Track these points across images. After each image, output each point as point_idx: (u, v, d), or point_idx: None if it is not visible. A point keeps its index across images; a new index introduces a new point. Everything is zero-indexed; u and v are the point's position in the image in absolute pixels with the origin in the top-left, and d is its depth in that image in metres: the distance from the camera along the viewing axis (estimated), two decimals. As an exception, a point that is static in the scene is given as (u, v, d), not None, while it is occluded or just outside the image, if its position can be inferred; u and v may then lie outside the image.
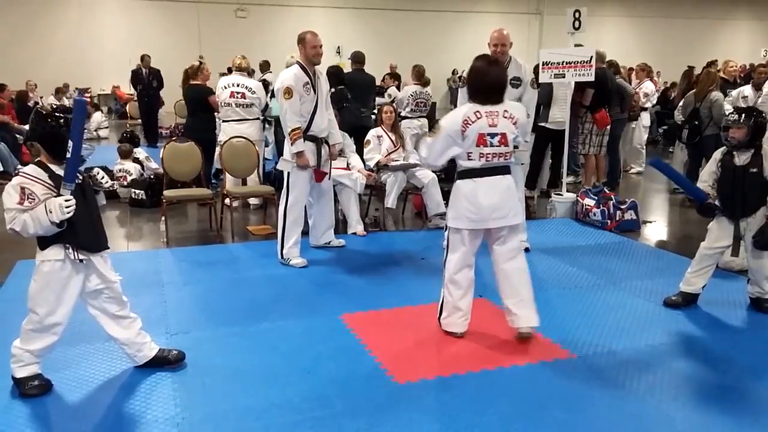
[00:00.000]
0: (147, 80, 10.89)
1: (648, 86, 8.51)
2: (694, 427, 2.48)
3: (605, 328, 3.42)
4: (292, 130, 4.22)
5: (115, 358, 2.95)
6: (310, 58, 4.29)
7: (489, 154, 3.03)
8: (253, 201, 6.28)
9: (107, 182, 2.78)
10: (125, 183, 6.51)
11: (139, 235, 5.47)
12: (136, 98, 12.07)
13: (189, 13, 17.73)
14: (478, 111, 3.02)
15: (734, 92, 6.41)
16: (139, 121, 11.85)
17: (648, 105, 8.49)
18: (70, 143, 2.45)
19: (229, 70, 13.16)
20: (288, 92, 4.17)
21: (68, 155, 2.46)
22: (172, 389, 2.72)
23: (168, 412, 2.54)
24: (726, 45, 21.49)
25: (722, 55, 14.20)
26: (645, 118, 8.43)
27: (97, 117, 12.59)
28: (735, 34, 22.81)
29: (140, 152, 7.30)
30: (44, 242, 2.57)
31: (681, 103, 7.87)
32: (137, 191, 6.34)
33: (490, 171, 3.06)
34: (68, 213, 2.45)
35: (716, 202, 3.63)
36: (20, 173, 2.56)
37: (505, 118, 3.04)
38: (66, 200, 2.45)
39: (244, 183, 5.84)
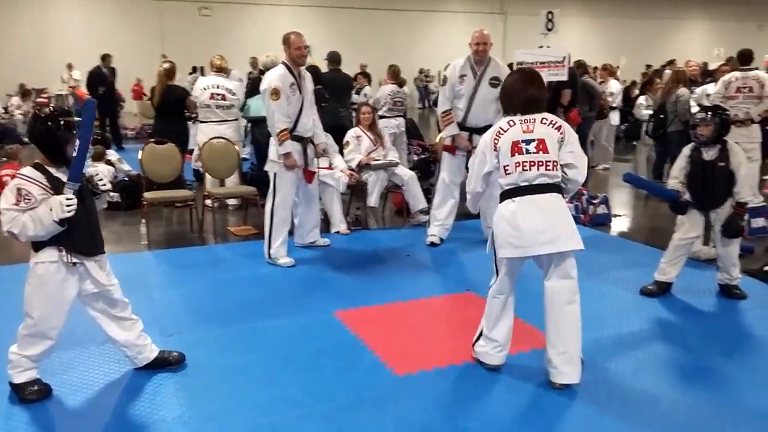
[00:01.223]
0: (109, 81, 10.62)
1: (614, 85, 8.79)
2: (679, 408, 2.64)
3: (587, 317, 3.48)
4: (280, 132, 4.25)
5: (111, 361, 2.94)
6: (294, 59, 4.31)
7: (526, 162, 2.67)
8: (231, 201, 6.26)
9: (105, 186, 2.76)
10: (99, 186, 6.38)
11: (117, 238, 5.38)
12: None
13: (151, 11, 17.38)
14: (511, 120, 2.78)
15: (698, 90, 6.72)
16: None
17: (615, 104, 8.77)
18: (78, 142, 2.44)
19: (194, 69, 13.01)
20: (275, 93, 4.18)
21: (75, 154, 2.45)
22: (174, 389, 2.73)
23: (173, 412, 2.56)
24: (681, 44, 22.35)
25: (678, 53, 14.81)
26: (614, 118, 8.68)
27: None
28: (689, 34, 23.75)
29: (112, 154, 7.18)
30: (39, 244, 2.53)
31: (641, 100, 8.21)
32: (112, 194, 6.23)
33: (533, 189, 2.69)
34: (69, 212, 2.42)
35: (686, 197, 3.84)
36: (17, 175, 2.53)
37: (544, 124, 2.73)
38: (67, 198, 2.42)
39: (222, 184, 5.83)
